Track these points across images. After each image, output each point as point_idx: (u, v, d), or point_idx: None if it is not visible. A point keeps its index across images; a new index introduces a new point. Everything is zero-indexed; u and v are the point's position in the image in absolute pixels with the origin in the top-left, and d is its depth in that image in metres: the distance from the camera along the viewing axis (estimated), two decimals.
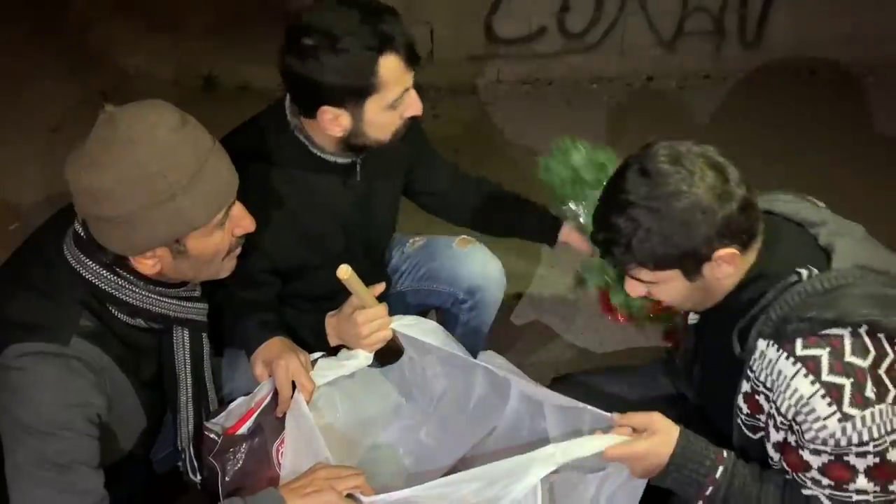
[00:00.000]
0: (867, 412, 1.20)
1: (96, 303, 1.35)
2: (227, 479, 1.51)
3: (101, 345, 1.34)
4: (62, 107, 3.51)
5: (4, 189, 3.06)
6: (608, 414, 1.42)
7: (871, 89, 3.83)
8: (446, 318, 2.09)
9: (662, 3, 3.73)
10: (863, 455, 1.23)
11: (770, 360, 1.27)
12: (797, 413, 1.24)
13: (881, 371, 1.23)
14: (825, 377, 1.22)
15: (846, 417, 1.20)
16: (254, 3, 4.11)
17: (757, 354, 1.30)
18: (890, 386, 1.23)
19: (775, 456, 1.34)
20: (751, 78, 3.88)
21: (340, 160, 1.70)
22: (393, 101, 1.57)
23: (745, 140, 3.46)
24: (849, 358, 1.22)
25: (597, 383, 1.72)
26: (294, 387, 1.53)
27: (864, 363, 1.22)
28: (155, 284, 1.39)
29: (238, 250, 1.44)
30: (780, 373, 1.26)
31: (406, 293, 2.06)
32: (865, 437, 1.21)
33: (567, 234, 1.94)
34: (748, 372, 1.32)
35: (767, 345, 1.28)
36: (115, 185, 1.22)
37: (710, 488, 1.34)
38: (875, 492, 1.25)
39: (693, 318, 1.53)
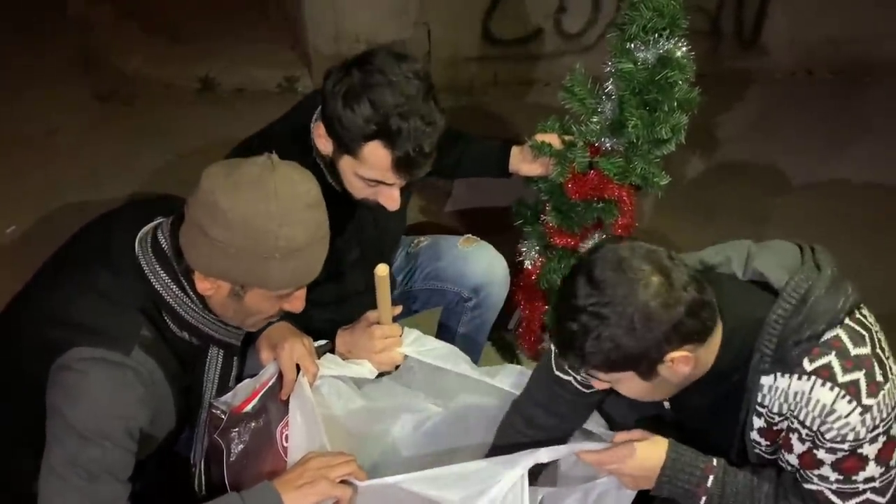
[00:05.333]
0: (880, 396, 1.25)
1: (156, 312, 1.40)
2: (231, 458, 1.53)
3: (156, 356, 1.38)
4: (60, 110, 3.51)
5: (1, 192, 3.05)
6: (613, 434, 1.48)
7: (868, 89, 3.84)
8: (449, 317, 2.10)
9: None
10: (875, 440, 1.27)
11: (782, 389, 1.30)
12: (822, 422, 1.27)
13: (878, 349, 1.28)
14: (841, 379, 1.25)
15: (866, 409, 1.24)
16: (251, 5, 4.12)
17: (765, 390, 1.32)
18: (886, 360, 1.29)
19: (793, 460, 1.36)
20: (748, 78, 3.88)
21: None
22: (365, 175, 1.57)
23: (741, 140, 3.47)
24: (854, 351, 1.26)
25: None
26: (298, 370, 1.56)
27: (867, 349, 1.27)
28: (209, 309, 1.45)
29: (275, 319, 1.51)
30: (796, 393, 1.28)
31: (410, 293, 2.07)
32: (878, 421, 1.25)
33: (517, 165, 2.00)
34: (758, 409, 1.35)
35: (774, 378, 1.30)
36: (236, 216, 1.28)
37: (704, 498, 1.38)
38: (881, 474, 1.29)
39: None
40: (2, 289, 1.54)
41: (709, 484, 1.38)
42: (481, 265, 2.00)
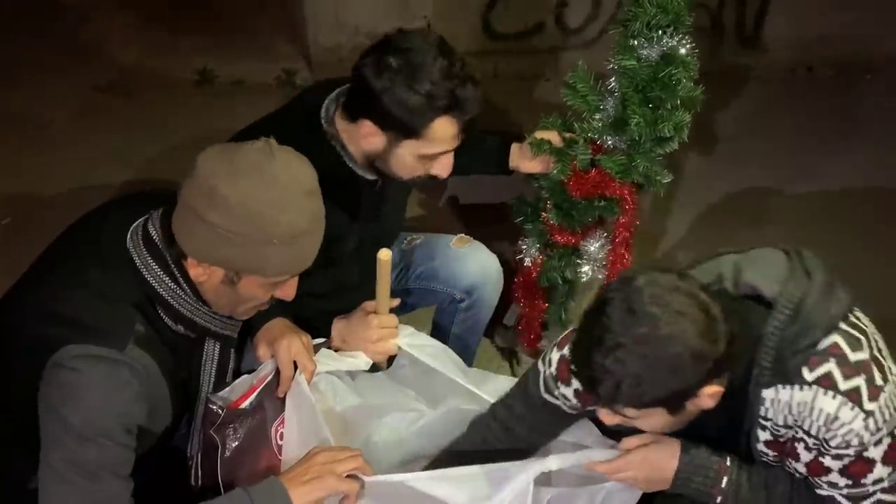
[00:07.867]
0: (881, 399, 1.24)
1: (150, 306, 1.38)
2: (226, 454, 1.52)
3: (151, 351, 1.36)
4: (56, 101, 3.49)
5: None
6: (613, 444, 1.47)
7: (868, 86, 3.84)
8: (442, 317, 2.09)
9: None
10: (879, 442, 1.26)
11: (784, 401, 1.29)
12: (827, 430, 1.26)
13: (875, 351, 1.27)
14: (843, 386, 1.24)
15: (868, 414, 1.24)
16: None
17: (767, 403, 1.31)
18: (884, 361, 1.28)
19: (801, 469, 1.35)
20: (748, 75, 3.88)
21: (369, 176, 1.72)
22: (430, 152, 1.62)
23: (740, 137, 3.46)
24: (853, 357, 1.25)
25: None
26: (296, 367, 1.55)
27: (865, 353, 1.26)
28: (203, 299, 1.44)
29: (265, 307, 1.50)
30: (800, 403, 1.27)
31: (403, 291, 2.06)
32: (881, 423, 1.25)
33: (517, 162, 2.00)
34: (762, 422, 1.34)
35: (775, 391, 1.29)
36: (236, 202, 1.27)
37: (719, 498, 1.38)
38: (889, 474, 1.28)
39: None
40: None
41: (723, 485, 1.38)
42: (474, 266, 2.00)
